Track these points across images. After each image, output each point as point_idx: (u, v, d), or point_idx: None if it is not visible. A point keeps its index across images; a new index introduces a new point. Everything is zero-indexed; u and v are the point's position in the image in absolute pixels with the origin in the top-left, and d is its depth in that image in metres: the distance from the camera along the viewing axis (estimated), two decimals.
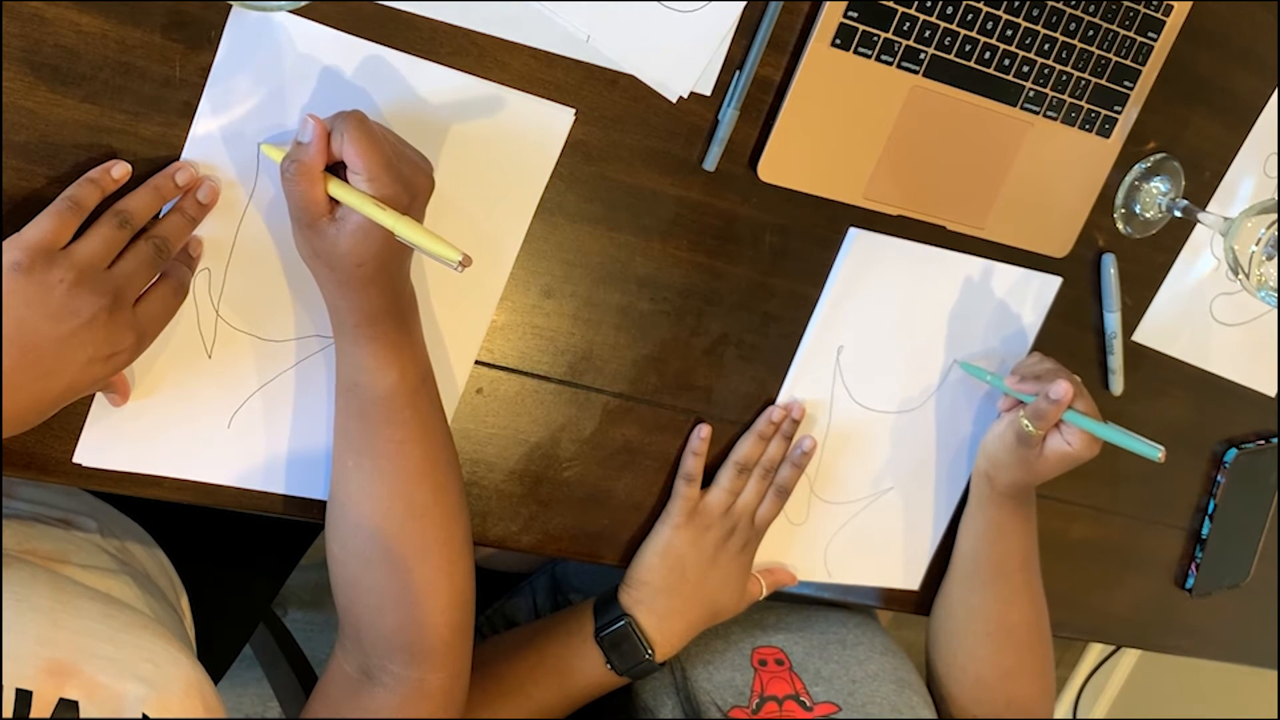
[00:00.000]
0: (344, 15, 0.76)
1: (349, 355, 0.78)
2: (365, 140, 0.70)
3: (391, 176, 0.71)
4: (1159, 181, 1.07)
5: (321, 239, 0.73)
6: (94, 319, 0.68)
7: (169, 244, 0.74)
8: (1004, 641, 1.07)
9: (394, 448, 0.79)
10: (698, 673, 1.02)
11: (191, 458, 0.82)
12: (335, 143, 0.71)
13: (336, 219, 0.72)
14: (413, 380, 0.79)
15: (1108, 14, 0.96)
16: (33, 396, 0.68)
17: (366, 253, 0.72)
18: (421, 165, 0.74)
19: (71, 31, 0.70)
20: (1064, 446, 0.98)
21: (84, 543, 0.88)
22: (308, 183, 0.71)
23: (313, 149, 0.71)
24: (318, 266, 0.75)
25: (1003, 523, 1.05)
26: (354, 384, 0.78)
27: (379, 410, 0.78)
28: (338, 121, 0.71)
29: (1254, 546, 1.32)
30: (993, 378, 1.03)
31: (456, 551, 0.83)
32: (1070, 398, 0.95)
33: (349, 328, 0.77)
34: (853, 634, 1.07)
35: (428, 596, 0.82)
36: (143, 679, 0.65)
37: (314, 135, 0.71)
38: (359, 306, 0.75)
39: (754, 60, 0.87)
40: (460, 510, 0.84)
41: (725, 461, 0.99)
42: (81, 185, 0.71)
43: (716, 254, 0.93)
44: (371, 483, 0.80)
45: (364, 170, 0.70)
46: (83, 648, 0.64)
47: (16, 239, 0.68)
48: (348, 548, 0.82)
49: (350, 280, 0.74)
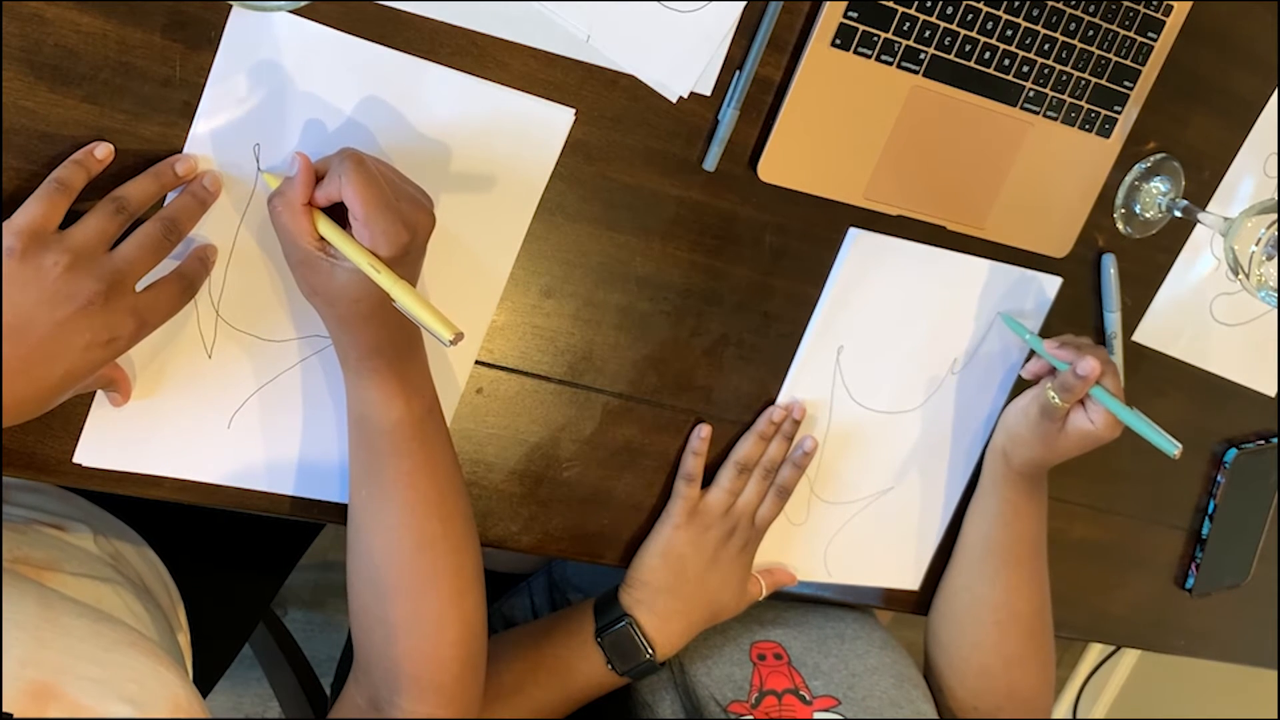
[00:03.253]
0: (344, 15, 0.76)
1: (355, 389, 0.78)
2: (362, 182, 0.70)
3: (391, 218, 0.70)
4: (1159, 181, 1.07)
5: (317, 276, 0.73)
6: (90, 303, 0.68)
7: (178, 225, 0.73)
8: (1011, 629, 1.06)
9: (402, 479, 0.80)
10: (697, 668, 1.02)
11: (191, 458, 0.82)
12: (334, 184, 0.71)
13: (332, 256, 0.72)
14: (418, 412, 0.79)
15: (1108, 14, 0.96)
16: (32, 383, 0.68)
17: (363, 290, 0.72)
18: (422, 201, 0.74)
19: (71, 31, 0.70)
20: (1086, 424, 0.97)
21: (77, 550, 0.87)
22: (291, 219, 0.71)
23: (297, 187, 0.71)
24: (317, 303, 0.76)
25: (1017, 504, 1.04)
26: (361, 416, 0.79)
27: (386, 442, 0.79)
28: (335, 162, 0.71)
29: (1254, 546, 1.32)
30: (1031, 337, 1.02)
31: (466, 582, 0.83)
32: (1099, 373, 0.95)
33: (352, 362, 0.77)
34: (851, 629, 1.07)
35: (438, 628, 0.81)
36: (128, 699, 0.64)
37: (298, 173, 0.71)
38: (360, 341, 0.76)
39: (754, 60, 0.87)
40: (470, 540, 0.84)
41: (725, 461, 0.99)
42: (66, 167, 0.71)
43: (716, 254, 0.93)
44: (382, 513, 0.80)
45: (360, 214, 0.70)
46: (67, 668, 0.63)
47: (7, 224, 0.68)
48: (361, 576, 0.83)
49: (349, 317, 0.74)
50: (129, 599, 0.86)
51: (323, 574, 1.85)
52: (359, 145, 0.78)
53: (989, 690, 1.07)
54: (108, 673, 0.65)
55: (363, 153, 0.72)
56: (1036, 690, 1.08)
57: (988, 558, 1.06)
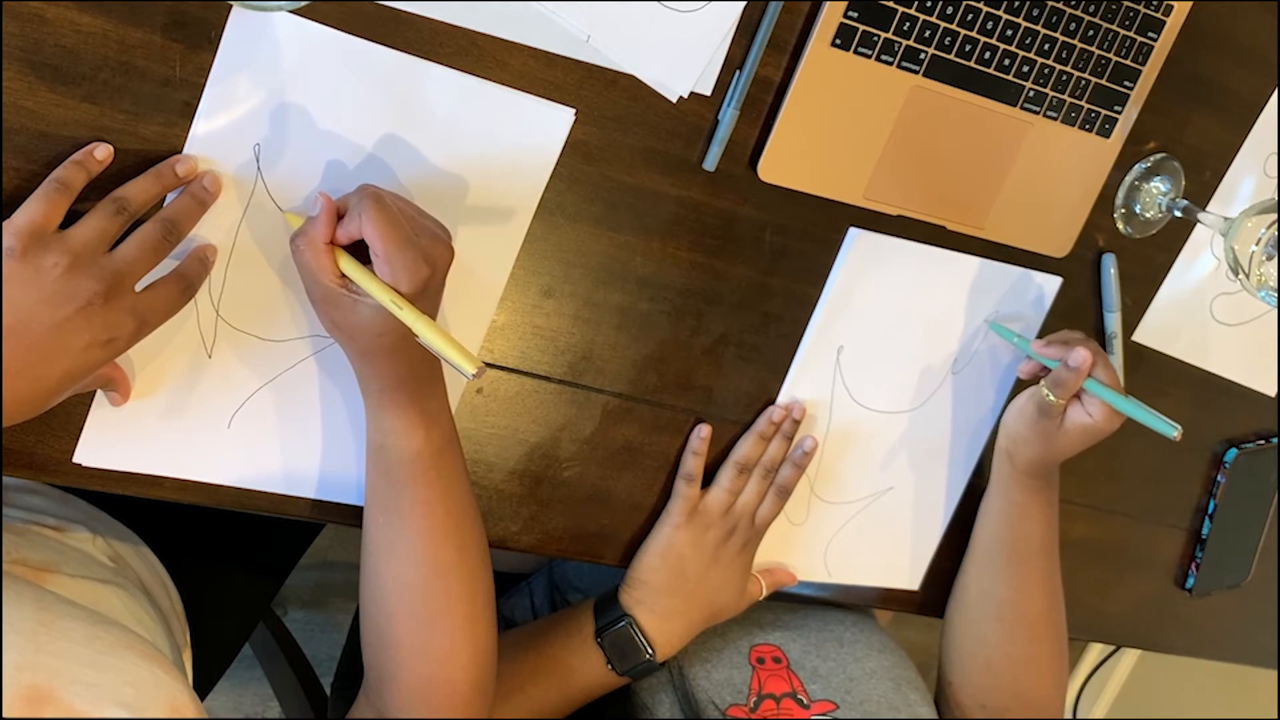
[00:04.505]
0: (344, 15, 0.76)
1: (375, 418, 0.80)
2: (383, 220, 0.71)
3: (411, 255, 0.72)
4: (1159, 181, 1.07)
5: (339, 312, 0.74)
6: (90, 303, 0.68)
7: (177, 226, 0.74)
8: (1016, 628, 1.06)
9: (420, 507, 0.81)
10: (695, 671, 1.02)
11: (191, 458, 0.82)
12: (354, 222, 0.72)
13: (354, 292, 0.73)
14: (437, 442, 0.81)
15: (1108, 14, 0.96)
16: (31, 383, 0.68)
17: (385, 325, 0.74)
18: (441, 235, 0.76)
19: (71, 31, 0.70)
20: (1084, 418, 0.97)
21: (75, 552, 0.87)
22: (314, 257, 0.73)
23: (319, 226, 0.73)
24: (340, 338, 0.77)
25: (1024, 504, 1.04)
26: (381, 445, 0.80)
27: (405, 471, 0.80)
28: (354, 201, 0.73)
29: (1254, 546, 1.32)
30: (1019, 340, 1.03)
31: (479, 609, 0.84)
32: (1090, 365, 0.94)
33: (374, 393, 0.79)
34: (850, 632, 1.07)
35: (450, 654, 0.83)
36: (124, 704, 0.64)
37: (320, 212, 0.73)
38: (381, 374, 0.77)
39: (754, 60, 0.87)
40: (484, 567, 0.85)
41: (725, 461, 0.99)
42: (66, 167, 0.71)
43: (716, 254, 0.93)
44: (398, 539, 0.82)
45: (381, 251, 0.71)
46: (63, 673, 0.63)
47: (7, 224, 0.68)
48: (373, 599, 0.84)
49: (371, 350, 0.76)
50: (127, 600, 0.86)
51: (323, 574, 1.85)
52: (359, 144, 0.79)
53: (995, 689, 1.07)
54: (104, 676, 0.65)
55: (382, 190, 0.74)
56: (1044, 693, 1.07)
57: (994, 556, 1.06)
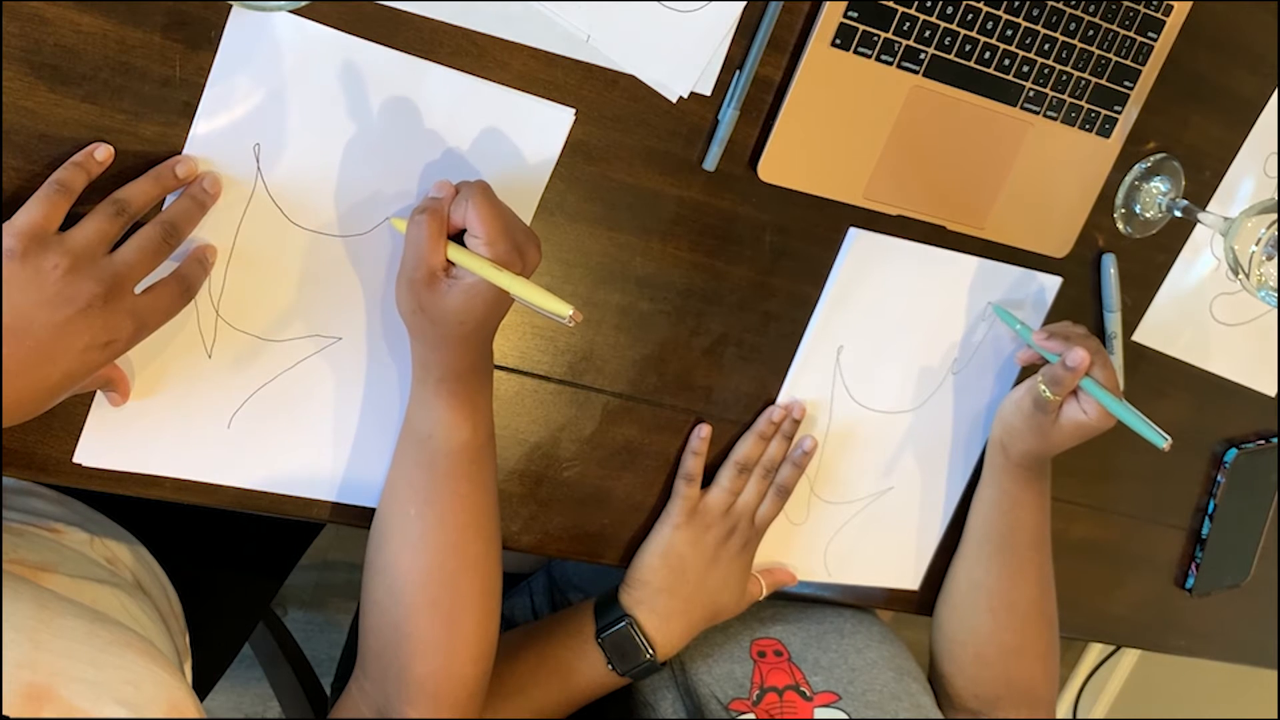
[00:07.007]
0: (344, 15, 0.76)
1: (428, 407, 0.81)
2: (488, 207, 0.75)
3: (509, 243, 0.75)
4: (1159, 181, 1.07)
5: (432, 294, 0.76)
6: (90, 305, 0.68)
7: (177, 228, 0.74)
8: (1006, 618, 1.06)
9: (458, 501, 0.82)
10: (697, 666, 1.03)
11: (191, 458, 0.82)
12: (459, 209, 0.75)
13: (453, 277, 0.76)
14: (482, 437, 0.83)
15: (1108, 14, 0.96)
16: (30, 384, 0.68)
17: (471, 311, 0.76)
18: (533, 238, 0.78)
19: (71, 31, 0.70)
20: (1079, 415, 0.97)
21: (73, 553, 0.87)
22: (431, 236, 0.75)
23: (445, 201, 0.76)
24: (419, 321, 0.78)
25: (1015, 494, 1.04)
26: (428, 435, 0.81)
27: (449, 463, 0.82)
28: (464, 188, 0.76)
29: (1254, 546, 1.32)
30: (1021, 328, 1.02)
31: (493, 603, 0.86)
32: (1086, 365, 0.94)
33: (433, 382, 0.80)
34: (849, 624, 1.07)
35: (464, 646, 0.84)
36: (123, 702, 0.64)
37: (446, 195, 0.76)
38: (447, 362, 0.79)
39: (754, 60, 0.87)
40: (499, 564, 0.87)
41: (725, 461, 0.99)
42: (67, 169, 0.71)
43: (716, 254, 0.93)
44: (432, 532, 0.82)
45: (484, 234, 0.74)
46: (62, 670, 0.63)
47: (7, 225, 0.68)
48: (390, 594, 0.84)
49: (449, 337, 0.77)
50: (126, 601, 0.86)
51: (323, 574, 1.85)
52: (359, 145, 0.79)
53: (987, 679, 1.07)
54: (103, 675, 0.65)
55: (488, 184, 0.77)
56: (1035, 682, 1.08)
57: (985, 546, 1.06)
